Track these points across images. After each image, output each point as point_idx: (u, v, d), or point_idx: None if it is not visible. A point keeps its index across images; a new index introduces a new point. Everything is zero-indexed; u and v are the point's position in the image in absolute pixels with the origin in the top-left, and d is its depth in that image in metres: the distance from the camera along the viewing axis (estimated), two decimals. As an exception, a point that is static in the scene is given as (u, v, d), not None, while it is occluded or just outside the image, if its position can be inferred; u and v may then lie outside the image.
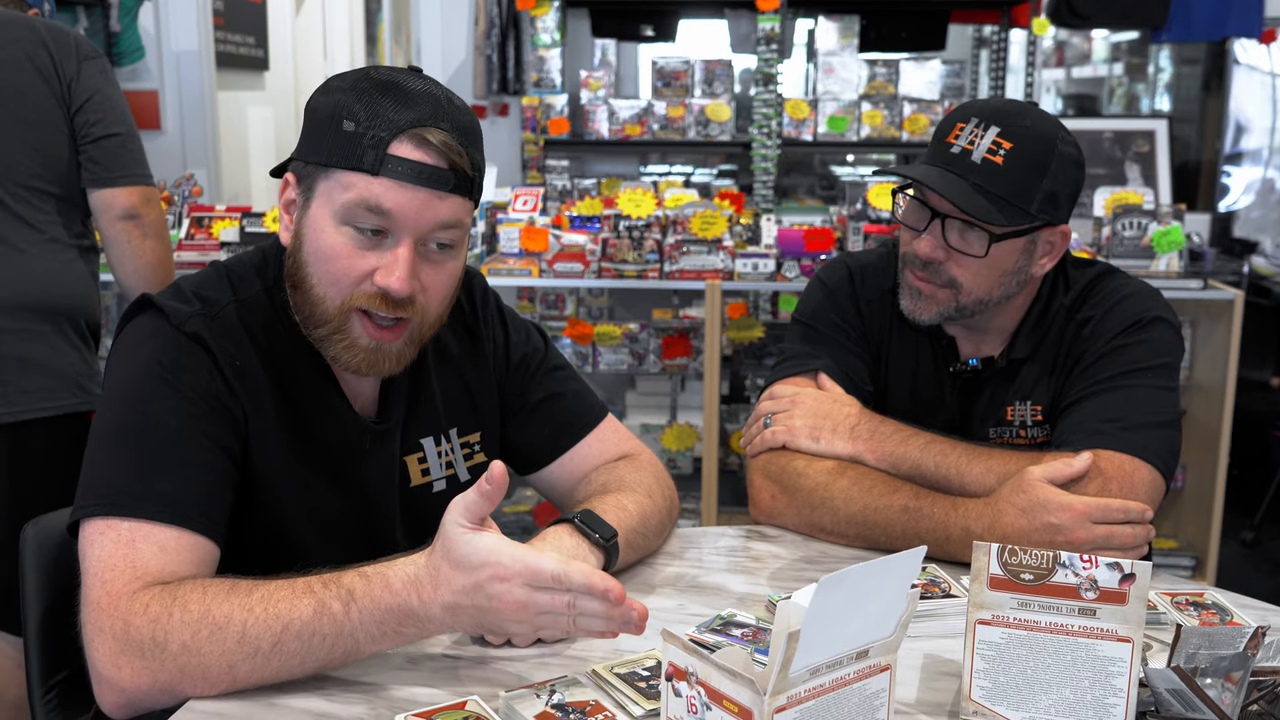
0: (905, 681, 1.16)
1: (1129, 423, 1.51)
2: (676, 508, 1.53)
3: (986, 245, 1.56)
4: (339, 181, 1.22)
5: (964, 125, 1.56)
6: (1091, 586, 1.04)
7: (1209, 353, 3.25)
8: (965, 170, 1.55)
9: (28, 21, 2.21)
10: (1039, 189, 1.56)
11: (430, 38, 4.72)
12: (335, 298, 1.24)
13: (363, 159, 1.20)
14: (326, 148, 1.22)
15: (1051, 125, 1.59)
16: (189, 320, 1.25)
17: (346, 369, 1.29)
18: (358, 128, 1.20)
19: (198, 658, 1.08)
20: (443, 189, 1.22)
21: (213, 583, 1.13)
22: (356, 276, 1.23)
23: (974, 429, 1.71)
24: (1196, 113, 5.12)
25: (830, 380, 1.67)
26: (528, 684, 1.09)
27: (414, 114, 1.21)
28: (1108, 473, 1.45)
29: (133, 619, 1.10)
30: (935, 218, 1.58)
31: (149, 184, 2.28)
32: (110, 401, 1.25)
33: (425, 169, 1.21)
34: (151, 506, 1.17)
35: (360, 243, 1.23)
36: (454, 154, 1.22)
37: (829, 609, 0.87)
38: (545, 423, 1.50)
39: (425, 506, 1.41)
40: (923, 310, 1.64)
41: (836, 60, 4.43)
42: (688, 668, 0.92)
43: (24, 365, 2.13)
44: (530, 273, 3.10)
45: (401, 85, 1.23)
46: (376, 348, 1.26)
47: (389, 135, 1.20)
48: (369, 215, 1.21)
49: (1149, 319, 1.62)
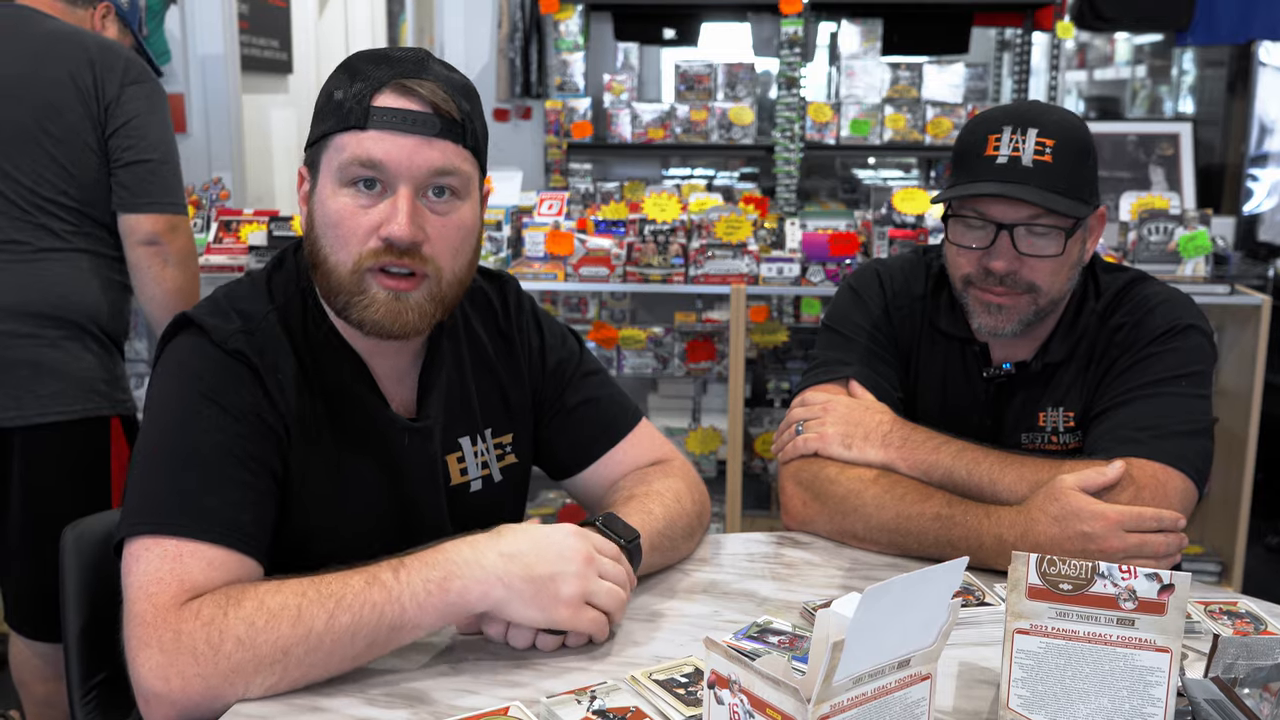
0: (943, 689, 1.16)
1: (1162, 431, 1.51)
2: (708, 513, 1.54)
3: (1063, 242, 1.57)
4: (334, 146, 1.25)
5: (998, 136, 1.56)
6: (1130, 597, 1.04)
7: (1235, 358, 3.23)
8: (1023, 176, 1.54)
9: (83, 40, 2.23)
10: (1086, 176, 1.59)
11: (453, 41, 4.73)
12: (347, 260, 1.26)
13: (349, 117, 1.23)
14: (321, 122, 1.27)
15: (1071, 113, 1.64)
16: (231, 337, 1.26)
17: (372, 331, 1.29)
18: (345, 93, 1.24)
19: (251, 651, 1.09)
20: (430, 133, 1.24)
21: (263, 581, 1.15)
22: (363, 234, 1.25)
23: (1006, 435, 1.71)
24: (1221, 115, 5.09)
25: (861, 388, 1.67)
26: (569, 690, 1.10)
27: (396, 69, 1.25)
28: (1140, 481, 1.45)
29: (183, 625, 1.10)
30: (1000, 230, 1.57)
31: (176, 213, 2.28)
32: (154, 421, 1.26)
33: (410, 114, 1.23)
34: (198, 525, 1.17)
35: (362, 201, 1.25)
36: (439, 99, 1.24)
37: (873, 619, 0.88)
38: (580, 428, 1.50)
39: (463, 506, 1.42)
40: (1004, 322, 1.62)
41: (859, 63, 4.42)
42: (730, 675, 0.93)
43: (37, 370, 2.15)
44: (555, 276, 3.12)
45: (387, 51, 1.28)
46: (394, 297, 1.26)
47: (371, 89, 1.23)
48: (362, 169, 1.23)
49: (1182, 327, 1.62)
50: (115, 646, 1.45)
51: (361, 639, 1.12)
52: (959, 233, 1.62)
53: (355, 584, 1.12)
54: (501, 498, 1.47)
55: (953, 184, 1.61)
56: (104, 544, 1.44)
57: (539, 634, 1.20)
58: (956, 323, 1.72)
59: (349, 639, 1.11)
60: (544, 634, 1.20)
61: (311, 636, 1.10)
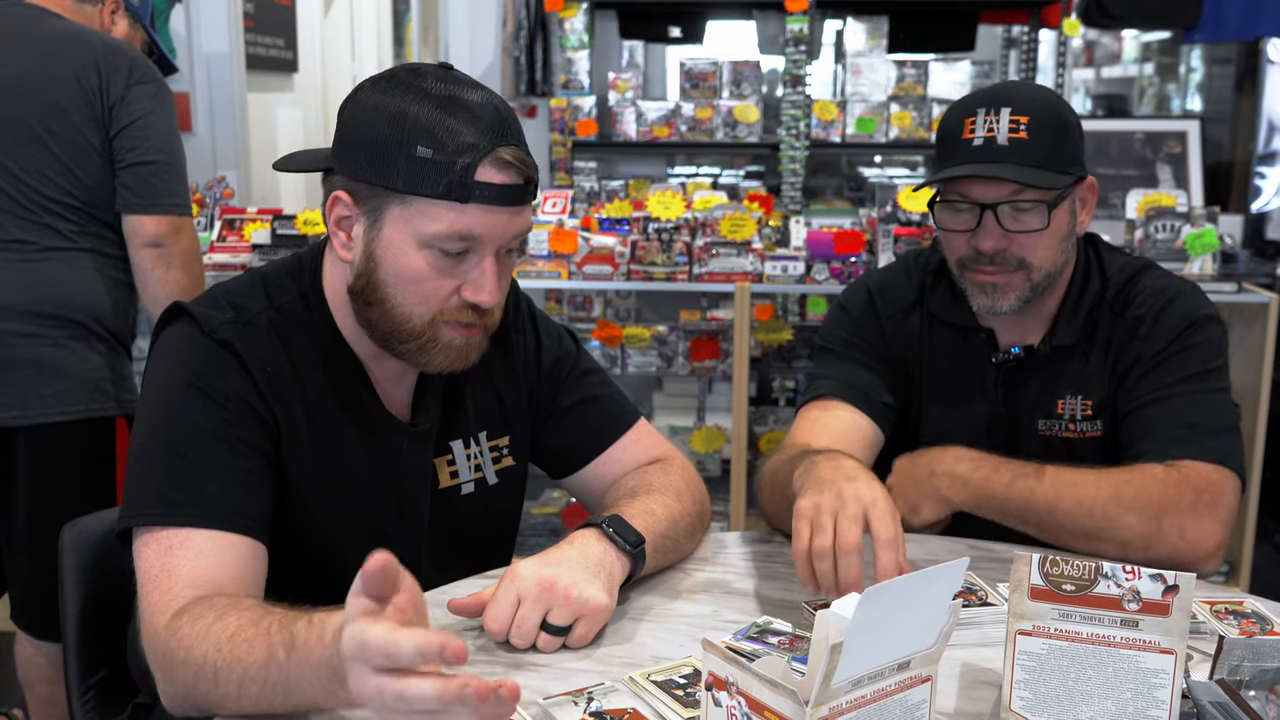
0: (944, 691, 1.15)
1: (1206, 429, 1.54)
2: (708, 512, 1.53)
3: (1047, 216, 1.58)
4: (421, 210, 1.21)
5: (973, 119, 1.59)
6: (1134, 598, 1.03)
7: (1243, 356, 3.21)
8: (1000, 155, 1.56)
9: (89, 40, 2.22)
10: (1066, 149, 1.60)
11: (458, 39, 4.73)
12: (424, 315, 1.26)
13: (451, 190, 1.20)
14: (401, 175, 1.20)
15: (1046, 90, 1.65)
16: (221, 327, 1.27)
17: (434, 370, 1.32)
18: (435, 154, 1.19)
19: (201, 696, 1.08)
20: (523, 204, 1.24)
21: (210, 615, 1.09)
22: (445, 295, 1.26)
23: (1022, 422, 1.71)
24: (1229, 113, 5.07)
25: (840, 403, 1.67)
26: (566, 691, 1.09)
27: (486, 135, 1.20)
28: (1199, 485, 1.47)
29: (156, 651, 1.13)
30: (984, 210, 1.59)
31: (180, 214, 2.26)
32: (145, 410, 1.27)
33: (509, 190, 1.22)
34: (187, 512, 1.19)
35: (445, 263, 1.24)
36: (528, 168, 1.24)
37: (872, 620, 0.87)
38: (577, 427, 1.50)
39: (451, 509, 1.42)
40: (1001, 300, 1.64)
41: (865, 61, 4.41)
42: (728, 677, 0.92)
43: (41, 370, 2.14)
44: (559, 275, 3.11)
45: (462, 101, 1.21)
46: (465, 344, 1.30)
47: (472, 162, 1.19)
48: (460, 243, 1.23)
49: (1201, 319, 1.64)
50: (114, 645, 1.46)
51: (281, 707, 1.04)
52: (946, 217, 1.65)
53: (258, 655, 1.03)
54: (496, 501, 1.47)
55: (936, 170, 1.63)
56: (103, 543, 1.45)
57: (540, 634, 1.19)
58: (960, 311, 1.73)
59: (267, 705, 1.04)
60: (543, 634, 1.19)
61: (240, 699, 1.05)
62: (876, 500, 1.26)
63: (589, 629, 1.20)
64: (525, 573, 1.20)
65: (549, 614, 1.19)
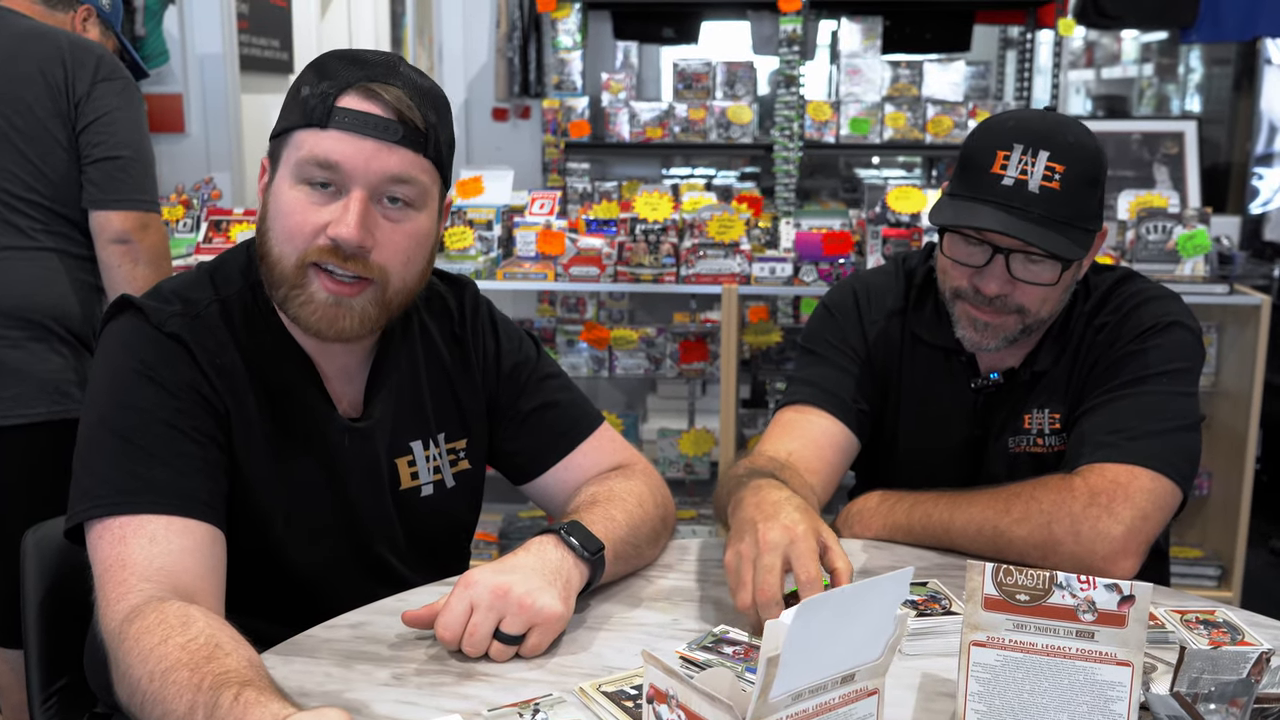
0: (901, 702, 1.13)
1: (1135, 432, 1.48)
2: (672, 517, 1.51)
3: (1059, 273, 1.53)
4: (293, 142, 1.24)
5: (1007, 154, 1.50)
6: (1089, 608, 1.01)
7: (1236, 358, 3.19)
8: (1026, 203, 1.49)
9: (55, 37, 2.21)
10: (1095, 202, 1.53)
11: (452, 40, 4.72)
12: (291, 254, 1.24)
13: (313, 115, 1.22)
14: (286, 116, 1.26)
15: (1088, 133, 1.55)
16: (169, 320, 1.26)
17: (309, 331, 1.28)
18: (310, 90, 1.23)
19: (134, 710, 1.06)
20: (390, 139, 1.22)
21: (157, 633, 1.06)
22: (310, 231, 1.23)
23: (992, 442, 1.68)
24: (1227, 114, 5.04)
25: (815, 409, 1.66)
26: (511, 703, 1.08)
27: (365, 72, 1.24)
28: (1096, 488, 1.43)
29: (110, 648, 1.11)
30: (997, 253, 1.53)
31: (148, 210, 2.25)
32: (93, 402, 1.26)
33: (371, 119, 1.22)
34: (140, 500, 1.18)
35: (314, 198, 1.23)
36: (403, 106, 1.23)
37: (810, 633, 0.85)
38: (537, 432, 1.48)
39: (413, 511, 1.41)
40: (988, 339, 1.59)
41: (860, 62, 4.39)
42: (668, 690, 0.90)
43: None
44: (546, 276, 3.09)
45: (359, 53, 1.26)
46: (335, 302, 1.25)
47: (337, 90, 1.22)
48: (319, 170, 1.22)
49: (1165, 324, 1.58)
50: (76, 652, 1.44)
51: None
52: (955, 247, 1.58)
53: (180, 709, 0.99)
54: (454, 503, 1.45)
55: (954, 193, 1.56)
56: (65, 548, 1.43)
57: (492, 643, 1.18)
58: (942, 333, 1.68)
59: None
60: (496, 643, 1.18)
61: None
62: (795, 540, 1.23)
63: (543, 638, 1.18)
64: (479, 580, 1.18)
65: (502, 622, 1.17)
